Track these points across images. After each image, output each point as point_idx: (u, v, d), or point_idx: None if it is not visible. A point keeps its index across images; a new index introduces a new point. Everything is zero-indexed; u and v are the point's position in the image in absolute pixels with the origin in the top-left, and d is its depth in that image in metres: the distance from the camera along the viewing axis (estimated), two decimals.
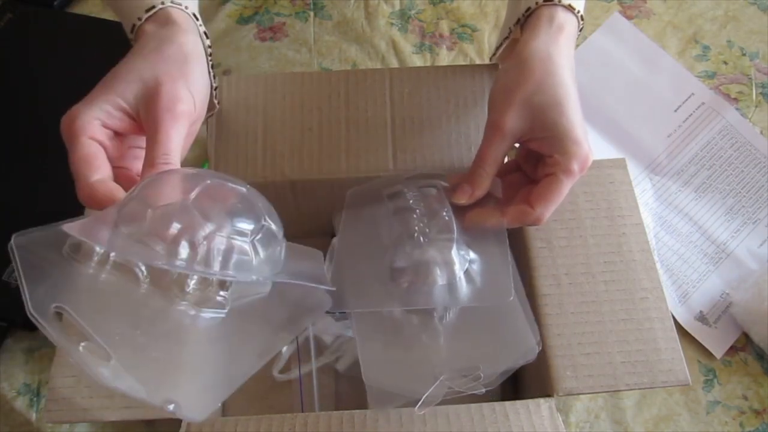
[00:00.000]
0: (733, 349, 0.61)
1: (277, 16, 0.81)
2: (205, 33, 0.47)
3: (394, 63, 0.77)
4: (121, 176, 0.41)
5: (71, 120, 0.39)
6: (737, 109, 0.73)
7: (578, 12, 0.48)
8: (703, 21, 0.80)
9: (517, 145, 0.47)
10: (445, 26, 0.80)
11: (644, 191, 0.69)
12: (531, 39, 0.46)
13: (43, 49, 0.74)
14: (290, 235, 0.62)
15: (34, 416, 0.58)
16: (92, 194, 0.37)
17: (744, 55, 0.78)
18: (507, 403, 0.44)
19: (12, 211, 0.64)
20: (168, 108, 0.39)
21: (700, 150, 0.70)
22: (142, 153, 0.40)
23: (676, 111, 0.72)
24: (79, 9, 0.80)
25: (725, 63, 0.77)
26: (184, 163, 0.69)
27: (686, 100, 0.73)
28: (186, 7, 0.46)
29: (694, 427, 0.58)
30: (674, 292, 0.63)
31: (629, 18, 0.79)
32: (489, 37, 0.79)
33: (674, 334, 0.47)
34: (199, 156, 0.71)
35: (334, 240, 0.58)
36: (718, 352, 0.61)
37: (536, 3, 0.47)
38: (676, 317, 0.62)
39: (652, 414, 0.58)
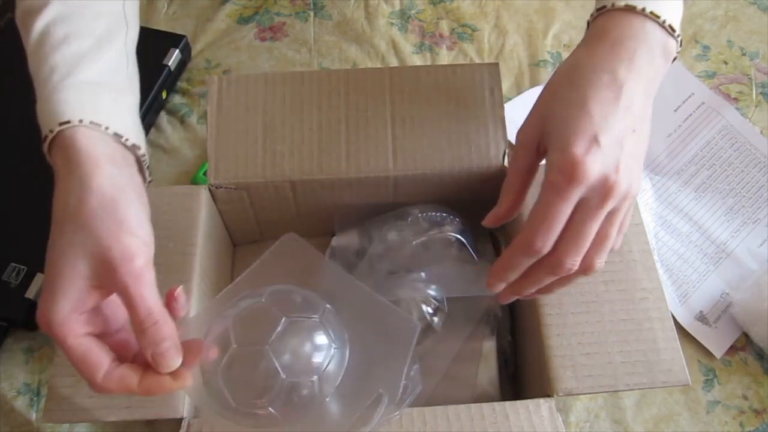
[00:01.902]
0: (733, 349, 0.61)
1: (277, 16, 0.81)
2: (134, 145, 0.42)
3: (394, 63, 0.77)
4: (119, 342, 0.39)
5: (48, 324, 0.36)
6: (737, 108, 0.73)
7: (643, 9, 0.41)
8: (703, 21, 0.80)
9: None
10: (445, 26, 0.80)
11: (644, 191, 0.69)
12: (571, 53, 0.43)
13: None
14: None
15: (34, 416, 0.58)
16: (106, 390, 0.37)
17: (744, 55, 0.78)
18: (507, 403, 0.44)
19: (12, 211, 0.64)
20: (128, 272, 0.36)
21: (700, 150, 0.70)
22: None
23: (676, 111, 0.72)
24: None
25: (725, 63, 0.77)
26: (185, 163, 0.70)
27: (686, 100, 0.73)
28: (106, 128, 0.40)
29: (694, 426, 0.58)
30: (674, 292, 0.63)
31: None
32: (489, 37, 0.79)
33: (674, 334, 0.47)
34: (200, 156, 0.71)
35: (333, 239, 0.58)
36: (718, 352, 0.61)
37: (591, 16, 0.43)
38: (676, 317, 0.62)
39: (652, 414, 0.58)
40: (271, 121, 0.54)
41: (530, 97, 0.73)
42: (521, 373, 0.55)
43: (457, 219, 0.54)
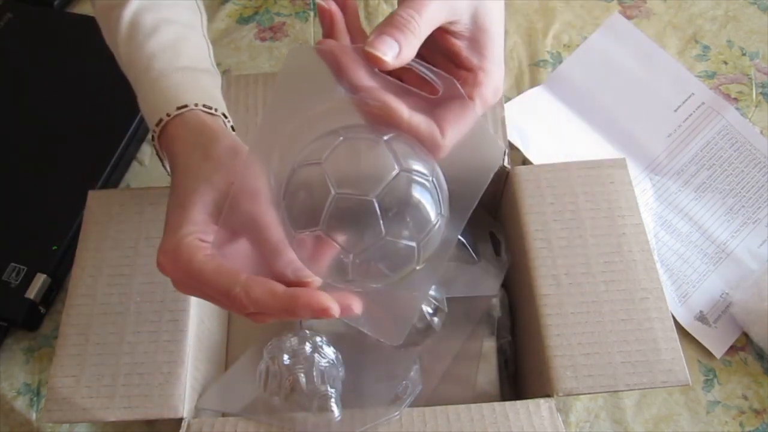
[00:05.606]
0: (733, 349, 0.61)
1: (277, 16, 0.81)
2: (232, 127, 0.44)
3: None
4: None
5: (176, 247, 0.34)
6: (737, 109, 0.73)
7: None
8: (703, 21, 0.80)
9: None
10: None
11: (644, 191, 0.69)
12: None
13: (43, 49, 0.74)
14: None
15: (34, 416, 0.58)
16: (248, 298, 0.32)
17: (744, 55, 0.78)
18: (507, 403, 0.44)
19: (12, 210, 0.64)
20: (253, 203, 0.34)
21: (700, 150, 0.70)
22: None
23: (676, 111, 0.72)
24: (79, 9, 0.80)
25: (725, 63, 0.77)
26: None
27: (686, 100, 0.73)
28: (215, 110, 0.42)
29: (694, 427, 0.58)
30: (674, 292, 0.63)
31: (629, 18, 0.79)
32: None
33: (674, 334, 0.47)
34: None
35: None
36: (718, 352, 0.61)
37: None
38: (676, 317, 0.62)
39: (652, 414, 0.58)
40: None
41: (530, 97, 0.73)
42: (521, 373, 0.55)
43: None
